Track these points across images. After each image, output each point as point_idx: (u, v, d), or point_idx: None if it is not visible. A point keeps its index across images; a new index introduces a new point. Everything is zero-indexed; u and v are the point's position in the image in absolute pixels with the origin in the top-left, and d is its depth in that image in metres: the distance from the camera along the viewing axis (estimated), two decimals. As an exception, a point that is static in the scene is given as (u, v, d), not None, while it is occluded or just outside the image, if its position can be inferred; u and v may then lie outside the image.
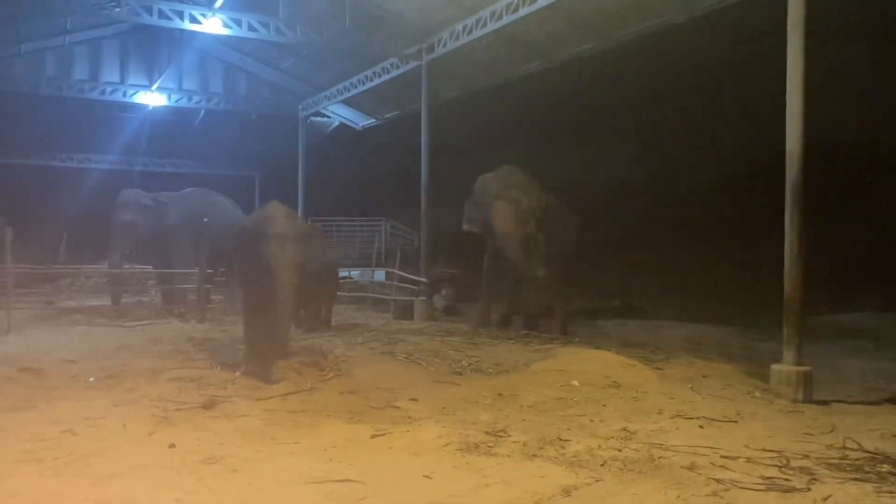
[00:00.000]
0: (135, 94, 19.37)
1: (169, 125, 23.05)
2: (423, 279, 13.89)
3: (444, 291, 14.69)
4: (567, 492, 4.10)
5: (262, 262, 6.97)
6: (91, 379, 7.18)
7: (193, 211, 13.44)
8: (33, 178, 25.67)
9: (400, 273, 14.94)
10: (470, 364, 8.26)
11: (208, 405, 6.08)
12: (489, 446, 5.00)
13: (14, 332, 10.38)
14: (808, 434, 5.36)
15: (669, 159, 20.69)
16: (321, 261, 8.72)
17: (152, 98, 19.69)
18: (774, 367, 6.95)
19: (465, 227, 11.73)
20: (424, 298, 13.50)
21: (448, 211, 13.65)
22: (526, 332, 10.73)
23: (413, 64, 14.95)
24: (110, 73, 19.06)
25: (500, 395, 6.66)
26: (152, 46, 19.21)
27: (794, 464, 4.55)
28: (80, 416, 5.60)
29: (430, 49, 14.35)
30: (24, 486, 4.06)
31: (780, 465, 4.55)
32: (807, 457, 4.71)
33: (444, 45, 13.92)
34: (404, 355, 8.64)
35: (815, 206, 7.30)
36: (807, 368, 6.79)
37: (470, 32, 13.08)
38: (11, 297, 11.27)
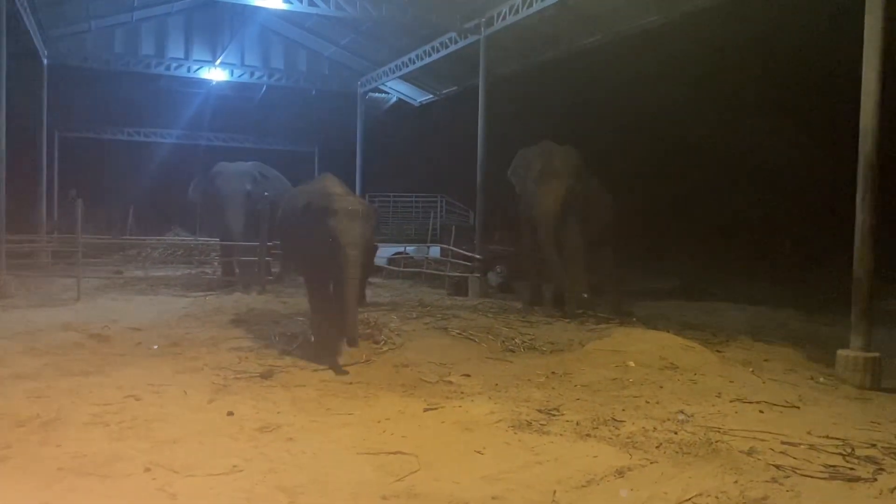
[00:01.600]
0: (199, 69, 19.75)
1: (231, 100, 23.50)
2: (478, 256, 13.86)
3: (498, 269, 14.64)
4: (620, 472, 4.05)
5: (329, 238, 6.92)
6: (155, 347, 7.44)
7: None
8: (102, 152, 26.64)
9: (455, 249, 14.93)
10: (523, 342, 8.21)
11: (266, 375, 6.22)
12: (541, 424, 4.98)
13: (84, 299, 10.81)
14: (874, 422, 5.16)
15: (732, 136, 20.09)
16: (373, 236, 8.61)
17: (215, 74, 20.04)
18: (841, 352, 6.71)
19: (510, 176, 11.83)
20: (479, 275, 13.48)
21: (505, 188, 13.56)
22: (581, 311, 10.60)
23: (471, 39, 14.81)
24: (175, 50, 19.47)
25: (553, 373, 6.61)
26: (215, 23, 19.51)
27: (859, 452, 4.40)
28: (144, 382, 5.80)
29: (489, 23, 14.17)
30: (91, 447, 4.22)
31: (844, 453, 4.39)
32: (873, 446, 4.54)
33: (504, 18, 13.73)
34: (458, 331, 8.64)
35: (888, 185, 6.96)
36: (875, 354, 6.53)
37: (530, 6, 12.86)
38: (81, 267, 11.72)
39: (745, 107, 19.39)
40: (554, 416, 5.20)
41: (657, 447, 4.51)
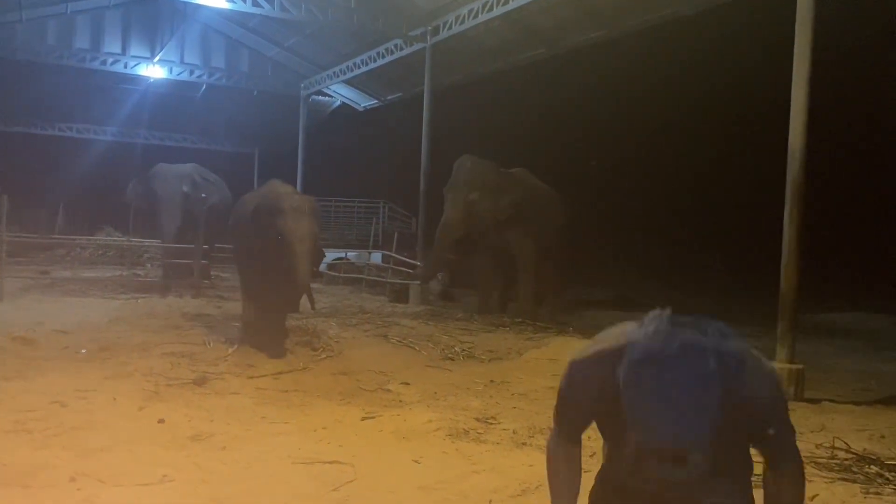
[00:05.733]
0: (136, 65, 19.22)
1: (170, 99, 22.93)
2: (420, 263, 13.87)
3: (439, 276, 14.66)
4: (555, 482, 4.10)
5: (278, 236, 7.00)
6: (83, 351, 7.18)
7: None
8: (31, 147, 25.60)
9: (396, 256, 14.91)
10: (463, 350, 8.25)
11: (199, 381, 6.08)
12: (479, 433, 5.01)
13: (7, 300, 10.37)
14: (797, 432, 5.35)
15: (668, 153, 20.68)
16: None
17: (153, 71, 19.54)
18: (767, 364, 6.94)
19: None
20: (420, 282, 13.47)
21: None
22: (521, 320, 10.73)
23: (417, 46, 14.85)
24: (112, 44, 18.89)
25: (491, 381, 6.66)
26: (154, 18, 19.04)
27: (782, 461, 4.55)
28: (71, 387, 5.59)
29: (435, 32, 14.24)
30: (13, 456, 4.04)
31: (768, 462, 4.54)
32: (795, 455, 4.70)
33: (450, 28, 13.82)
34: (397, 339, 8.63)
35: (812, 204, 7.27)
36: (799, 366, 6.78)
37: (476, 16, 12.98)
38: (5, 266, 11.24)
39: (681, 122, 19.97)
40: (491, 424, 5.24)
41: (591, 456, 4.54)
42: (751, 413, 1.69)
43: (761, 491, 1.99)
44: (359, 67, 17.73)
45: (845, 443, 4.97)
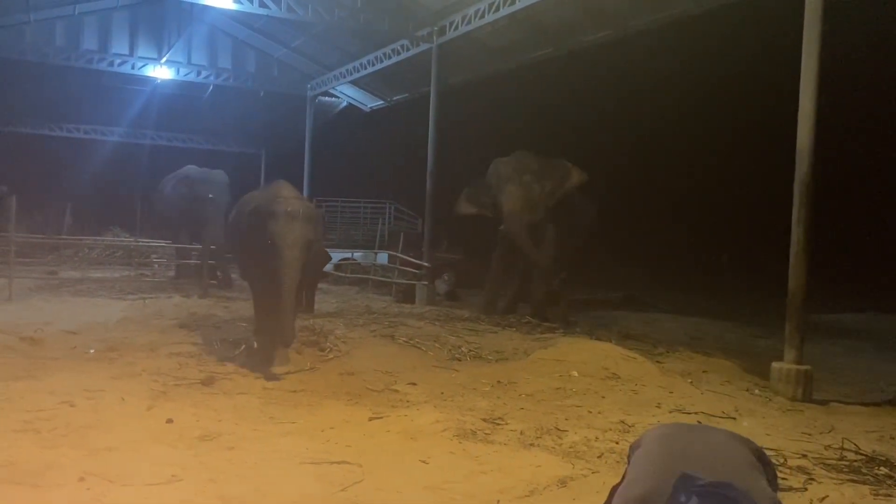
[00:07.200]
0: (143, 66, 19.26)
1: (177, 99, 22.97)
2: (426, 263, 13.87)
3: (445, 276, 14.68)
4: (563, 482, 4.09)
5: (269, 240, 6.81)
6: (91, 351, 7.21)
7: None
8: (39, 148, 25.68)
9: (403, 256, 14.91)
10: (470, 350, 8.24)
11: (207, 382, 6.09)
12: (486, 433, 5.00)
13: (16, 300, 10.42)
14: (806, 433, 5.34)
15: (675, 153, 20.61)
16: (320, 242, 8.56)
17: (161, 71, 19.58)
18: (775, 364, 6.93)
19: (464, 210, 11.76)
20: (426, 283, 13.49)
21: (453, 196, 13.60)
22: (528, 319, 10.71)
23: (424, 47, 14.85)
24: (119, 45, 18.93)
25: (498, 382, 6.65)
26: (162, 20, 19.09)
27: (791, 463, 4.54)
28: (79, 387, 5.61)
29: (442, 32, 14.23)
30: (21, 456, 4.06)
31: (777, 463, 4.52)
32: (804, 456, 4.69)
33: (456, 28, 13.81)
34: (404, 339, 8.63)
35: (820, 204, 7.23)
36: (807, 367, 6.76)
37: (482, 16, 12.96)
38: (14, 266, 11.29)
39: (688, 122, 19.91)
40: (498, 425, 5.23)
41: (599, 457, 4.58)
42: None
43: None
44: (365, 68, 17.73)
45: (854, 444, 4.95)
